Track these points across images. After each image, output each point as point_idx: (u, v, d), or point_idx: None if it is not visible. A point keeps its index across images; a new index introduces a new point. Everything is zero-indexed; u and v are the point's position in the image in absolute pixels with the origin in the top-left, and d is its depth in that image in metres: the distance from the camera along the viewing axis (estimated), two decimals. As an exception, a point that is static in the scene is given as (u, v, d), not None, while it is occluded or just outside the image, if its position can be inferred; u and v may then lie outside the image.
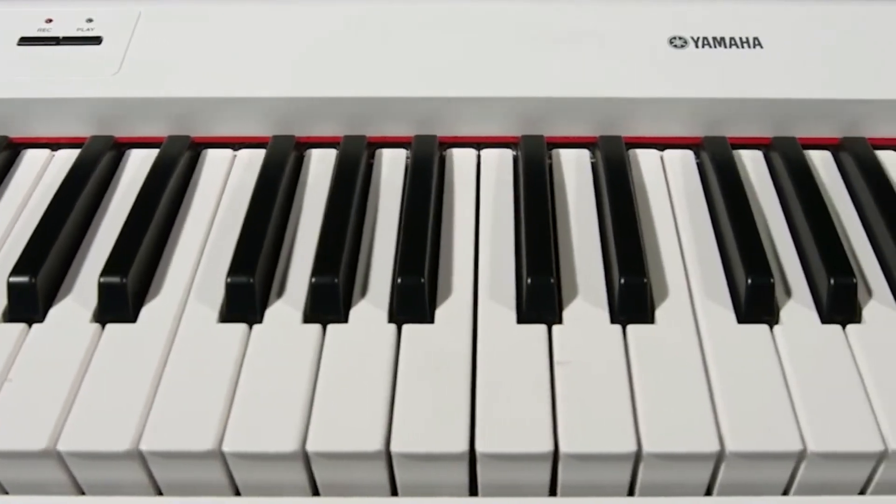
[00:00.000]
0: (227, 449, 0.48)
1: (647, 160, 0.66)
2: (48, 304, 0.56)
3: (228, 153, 0.67)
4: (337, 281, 0.54)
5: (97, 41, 0.68)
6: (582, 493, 0.51)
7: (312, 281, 0.55)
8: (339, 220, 0.59)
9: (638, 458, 0.49)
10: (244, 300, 0.55)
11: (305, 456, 0.49)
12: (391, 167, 0.65)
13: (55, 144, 0.68)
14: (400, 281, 0.54)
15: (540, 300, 0.54)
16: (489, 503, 0.51)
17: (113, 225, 0.61)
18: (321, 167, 0.65)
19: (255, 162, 0.65)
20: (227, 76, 0.66)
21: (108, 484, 0.50)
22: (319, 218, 0.60)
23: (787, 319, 0.55)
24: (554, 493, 0.51)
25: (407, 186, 0.62)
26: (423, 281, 0.54)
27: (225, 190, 0.64)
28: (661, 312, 0.55)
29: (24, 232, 0.60)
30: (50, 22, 0.70)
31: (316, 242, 0.58)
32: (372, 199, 0.63)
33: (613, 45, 0.67)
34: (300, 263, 0.58)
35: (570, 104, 0.65)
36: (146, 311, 0.55)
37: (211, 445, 0.48)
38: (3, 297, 0.56)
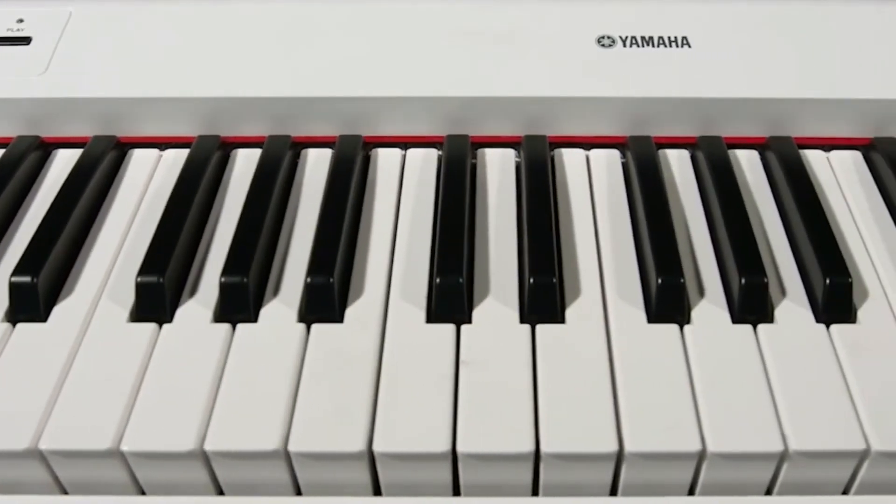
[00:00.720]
0: (125, 448, 0.48)
1: (572, 159, 0.66)
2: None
3: (154, 153, 0.67)
4: (246, 280, 0.54)
5: (26, 41, 0.68)
6: (485, 493, 0.51)
7: (222, 280, 0.54)
8: (254, 219, 0.58)
9: (538, 458, 0.49)
10: (154, 299, 0.55)
11: (205, 455, 0.49)
12: (315, 167, 0.65)
13: (-17, 145, 0.68)
14: (309, 280, 0.54)
15: (449, 300, 0.54)
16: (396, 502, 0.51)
17: (33, 225, 0.61)
18: (246, 167, 0.65)
19: (180, 162, 0.65)
20: (154, 76, 0.66)
21: (10, 483, 0.51)
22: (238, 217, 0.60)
23: (697, 319, 0.54)
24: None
25: (326, 186, 0.62)
26: (332, 281, 0.54)
27: (148, 190, 0.64)
28: (571, 312, 0.55)
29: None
30: (-19, 22, 0.70)
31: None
32: (293, 198, 0.63)
33: (541, 44, 0.67)
34: (215, 263, 0.58)
35: (496, 104, 0.65)
36: (58, 310, 0.55)
37: (110, 444, 0.48)
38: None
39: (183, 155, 0.66)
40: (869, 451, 0.48)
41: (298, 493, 0.51)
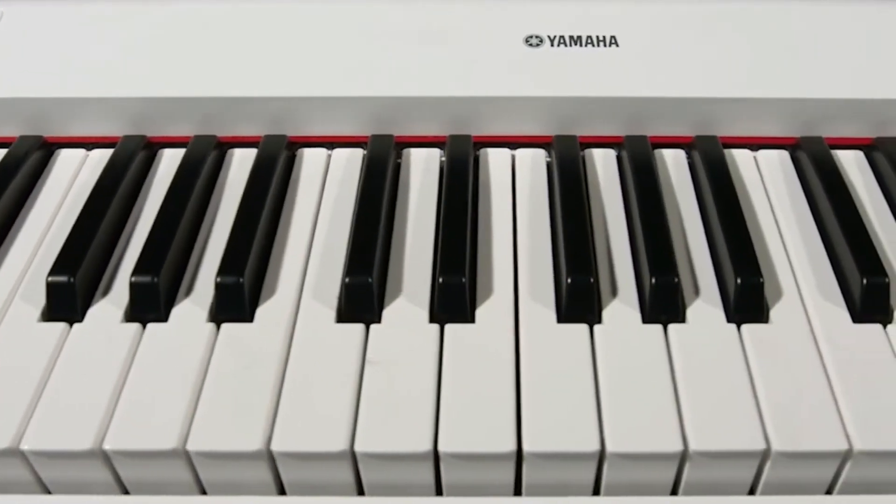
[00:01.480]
0: (25, 447, 0.49)
1: (497, 159, 0.66)
2: None
3: (81, 153, 0.67)
4: (156, 280, 0.54)
5: (-44, 42, 0.68)
6: (390, 492, 0.50)
7: (132, 280, 0.54)
8: (171, 219, 0.59)
9: (437, 457, 0.48)
10: (64, 299, 0.55)
11: (105, 455, 0.49)
12: (239, 167, 0.65)
13: None
14: (219, 280, 0.54)
15: (358, 299, 0.54)
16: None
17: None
18: (171, 167, 0.65)
19: (105, 162, 0.65)
20: (82, 77, 0.66)
21: None
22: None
23: (608, 319, 0.54)
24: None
25: (246, 186, 0.61)
26: (241, 280, 0.54)
27: (71, 189, 0.64)
28: (482, 312, 0.55)
29: None
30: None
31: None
32: (215, 198, 0.63)
33: (469, 44, 0.67)
34: (130, 263, 0.58)
35: (422, 103, 0.65)
36: (-26, 310, 0.56)
37: (9, 444, 0.48)
38: None
39: (109, 155, 0.66)
40: (769, 451, 0.48)
41: (203, 492, 0.52)
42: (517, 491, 0.51)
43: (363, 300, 0.54)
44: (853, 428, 0.49)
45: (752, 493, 0.51)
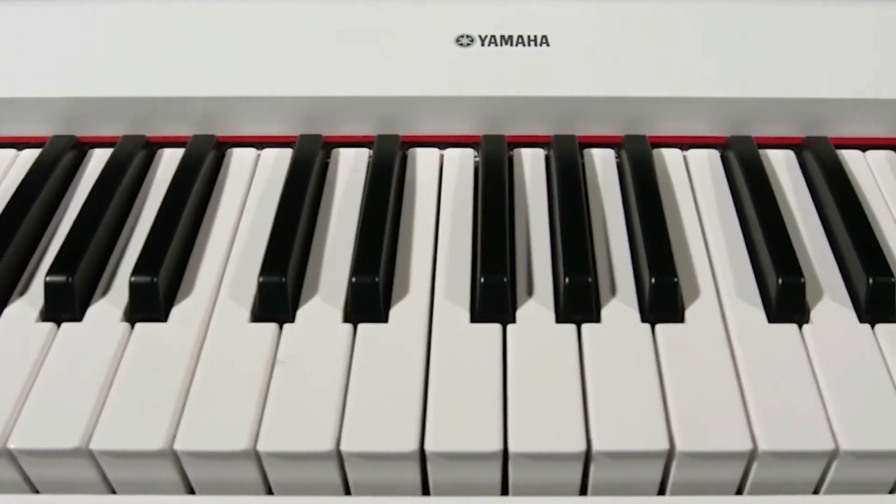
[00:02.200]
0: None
1: (426, 159, 0.66)
2: None
3: (11, 153, 0.67)
4: (71, 280, 0.54)
5: None
6: (297, 491, 0.50)
7: (46, 280, 0.54)
8: (91, 219, 0.59)
9: (340, 456, 0.48)
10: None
11: (10, 453, 0.49)
12: (167, 167, 0.65)
13: None
14: (133, 280, 0.54)
15: (272, 299, 0.54)
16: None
17: None
18: (99, 167, 0.65)
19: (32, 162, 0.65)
20: (10, 77, 0.66)
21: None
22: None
23: (522, 319, 0.54)
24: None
25: (170, 185, 0.61)
26: (156, 280, 0.54)
27: (-1, 189, 0.65)
28: (396, 311, 0.55)
29: None
30: None
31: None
32: (140, 198, 0.63)
33: (399, 43, 0.67)
34: (48, 263, 0.58)
35: (352, 103, 0.65)
36: None
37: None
38: None
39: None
40: (674, 451, 0.48)
41: (112, 491, 0.52)
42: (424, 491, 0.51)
43: (277, 300, 0.54)
44: (760, 428, 0.49)
45: (661, 493, 0.52)
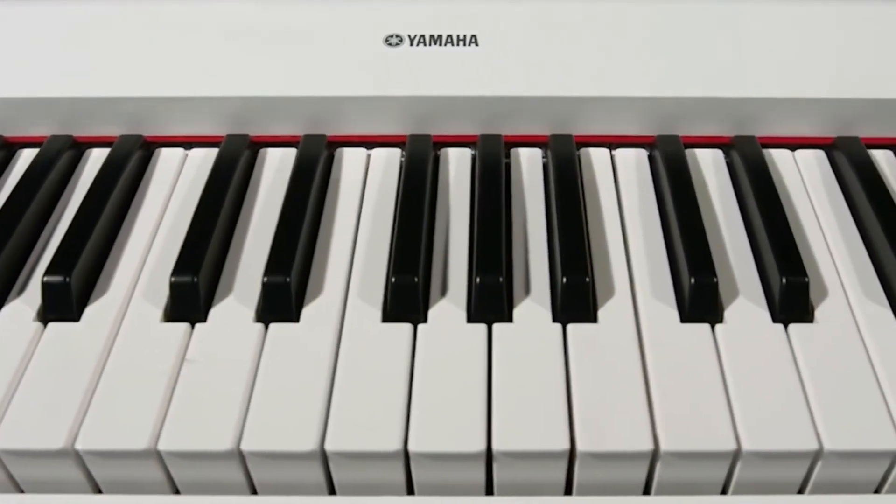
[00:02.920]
0: None
1: (352, 158, 0.66)
2: None
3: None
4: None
5: None
6: (202, 490, 0.50)
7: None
8: (10, 218, 0.59)
9: (241, 455, 0.48)
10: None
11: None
12: (94, 166, 0.65)
13: None
14: (45, 279, 0.54)
15: (182, 299, 0.54)
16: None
17: None
18: (24, 166, 0.65)
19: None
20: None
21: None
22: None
23: (433, 318, 0.54)
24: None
25: (91, 185, 0.61)
26: (68, 280, 0.54)
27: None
28: (308, 311, 0.55)
29: None
30: None
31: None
32: (64, 198, 0.63)
33: (328, 43, 0.67)
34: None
35: (280, 103, 0.65)
36: None
37: None
38: None
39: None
40: (575, 452, 0.48)
41: (20, 490, 0.52)
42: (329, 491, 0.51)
43: (188, 300, 0.54)
44: (662, 428, 0.48)
45: (568, 492, 0.51)
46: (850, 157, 0.64)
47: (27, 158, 0.66)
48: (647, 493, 0.51)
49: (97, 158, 0.66)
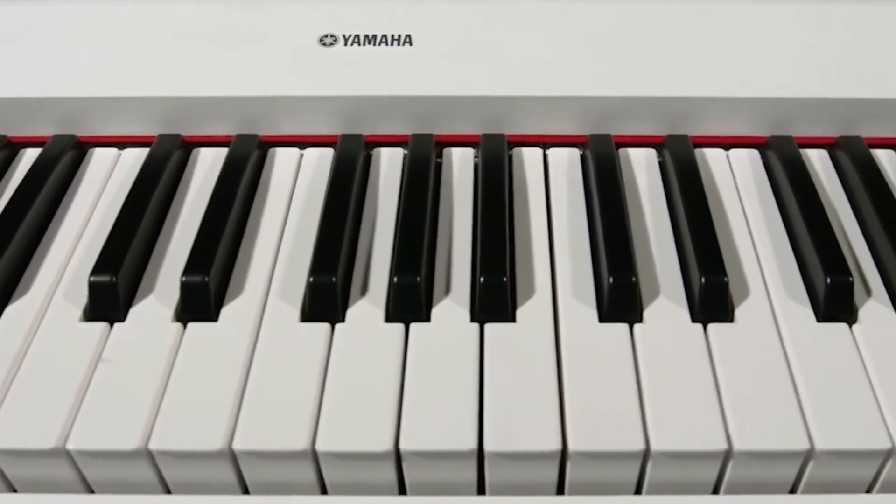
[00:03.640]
0: None
1: (284, 158, 0.66)
2: None
3: None
4: None
5: None
6: (116, 489, 0.50)
7: None
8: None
9: (151, 455, 0.48)
10: None
11: None
12: (26, 167, 0.65)
13: None
14: (-35, 279, 0.55)
15: (101, 298, 0.54)
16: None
17: None
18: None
19: None
20: None
21: None
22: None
23: (350, 318, 0.54)
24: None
25: (18, 187, 0.61)
26: (-12, 279, 0.55)
27: None
28: (228, 311, 0.55)
29: None
30: None
31: None
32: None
33: (263, 43, 0.67)
34: None
35: (213, 103, 0.65)
36: None
37: None
38: None
39: None
40: (475, 451, 0.48)
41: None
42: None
43: (107, 299, 0.54)
44: (573, 428, 0.48)
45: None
46: (782, 156, 0.64)
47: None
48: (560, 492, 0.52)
49: (30, 159, 0.66)
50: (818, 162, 0.66)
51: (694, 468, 0.49)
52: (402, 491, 0.51)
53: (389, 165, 0.65)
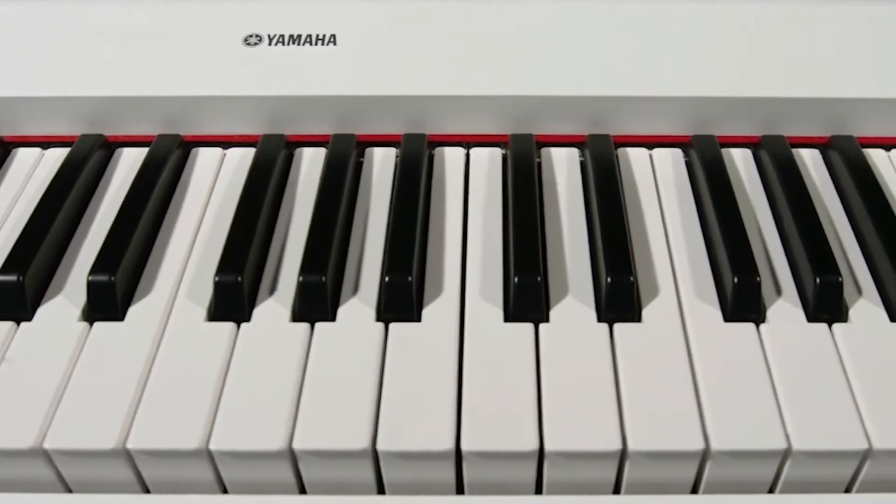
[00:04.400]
0: None
1: (206, 158, 0.66)
2: None
3: None
4: None
5: None
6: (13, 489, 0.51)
7: None
8: None
9: (44, 454, 0.48)
10: None
11: None
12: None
13: None
14: None
15: (7, 297, 0.54)
16: None
17: None
18: None
19: None
20: None
21: None
22: None
23: (257, 317, 0.54)
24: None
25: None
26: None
27: None
28: (135, 310, 0.55)
29: None
30: None
31: None
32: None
33: (187, 43, 0.67)
34: None
35: (137, 103, 0.65)
36: None
37: None
38: None
39: None
40: (369, 450, 0.48)
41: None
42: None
43: (13, 298, 0.54)
44: (468, 428, 0.48)
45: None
46: (703, 156, 0.64)
47: None
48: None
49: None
50: (741, 162, 0.66)
51: (591, 468, 0.49)
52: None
53: (310, 165, 0.65)
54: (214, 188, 0.63)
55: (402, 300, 0.54)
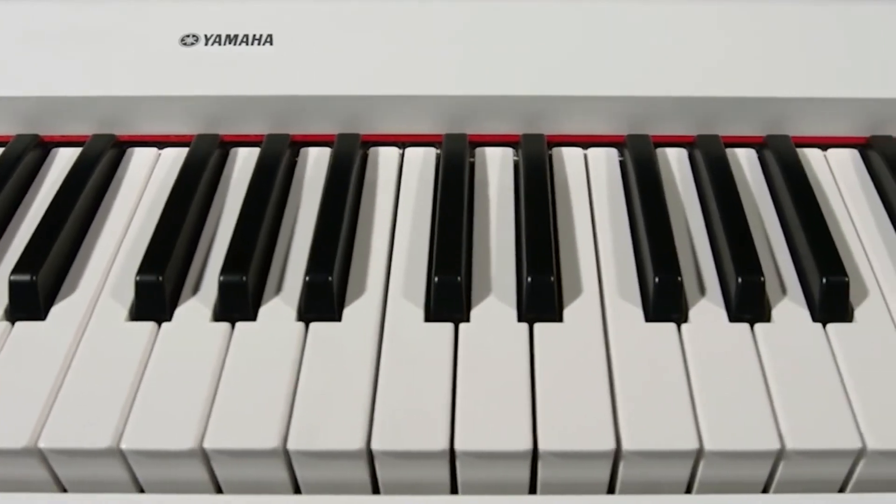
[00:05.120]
0: None
1: (141, 158, 0.66)
2: None
3: None
4: None
5: None
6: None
7: None
8: None
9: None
10: None
11: None
12: None
13: None
14: None
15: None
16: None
17: None
18: None
19: None
20: None
21: None
22: None
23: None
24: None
25: None
26: None
27: None
28: (57, 309, 0.55)
29: None
30: None
31: None
32: None
33: (123, 43, 0.67)
34: None
35: (72, 104, 0.66)
36: None
37: None
38: None
39: None
40: (280, 449, 0.48)
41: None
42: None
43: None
44: (379, 427, 0.48)
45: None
46: (635, 155, 0.63)
47: None
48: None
49: None
50: (675, 162, 0.66)
51: (502, 468, 0.49)
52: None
53: (243, 165, 0.65)
54: (147, 188, 0.64)
55: (322, 300, 0.54)
